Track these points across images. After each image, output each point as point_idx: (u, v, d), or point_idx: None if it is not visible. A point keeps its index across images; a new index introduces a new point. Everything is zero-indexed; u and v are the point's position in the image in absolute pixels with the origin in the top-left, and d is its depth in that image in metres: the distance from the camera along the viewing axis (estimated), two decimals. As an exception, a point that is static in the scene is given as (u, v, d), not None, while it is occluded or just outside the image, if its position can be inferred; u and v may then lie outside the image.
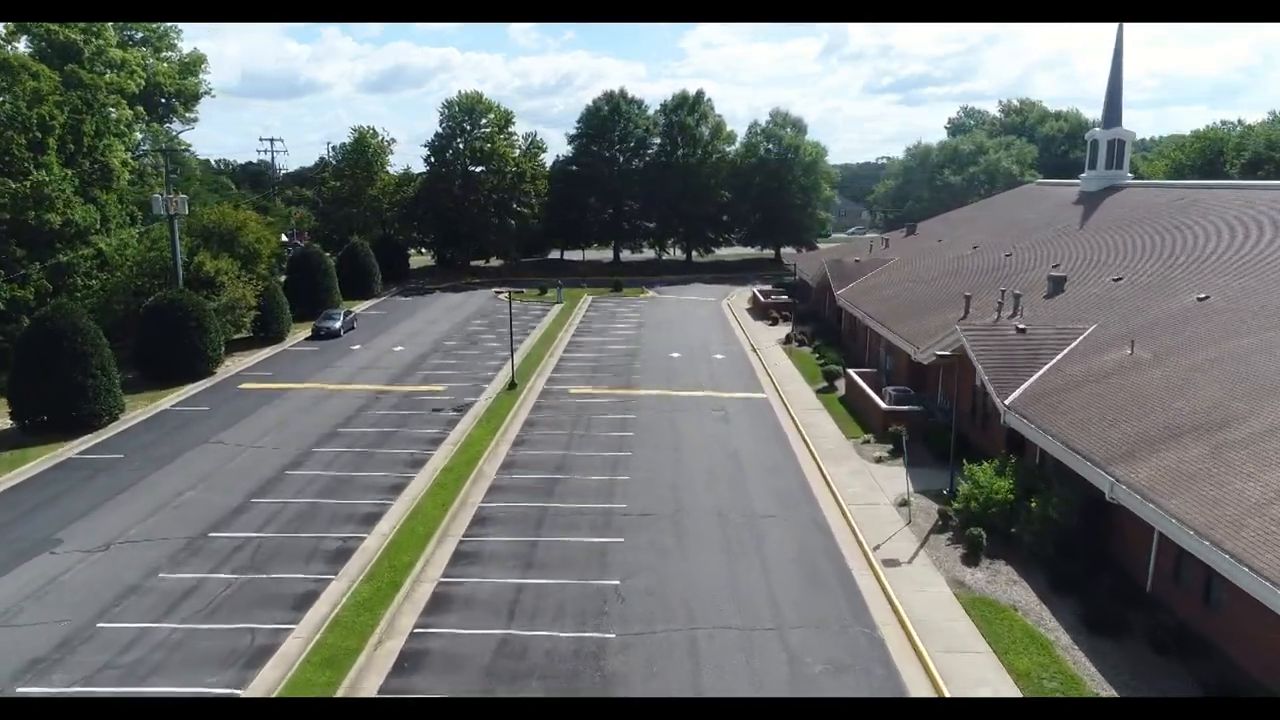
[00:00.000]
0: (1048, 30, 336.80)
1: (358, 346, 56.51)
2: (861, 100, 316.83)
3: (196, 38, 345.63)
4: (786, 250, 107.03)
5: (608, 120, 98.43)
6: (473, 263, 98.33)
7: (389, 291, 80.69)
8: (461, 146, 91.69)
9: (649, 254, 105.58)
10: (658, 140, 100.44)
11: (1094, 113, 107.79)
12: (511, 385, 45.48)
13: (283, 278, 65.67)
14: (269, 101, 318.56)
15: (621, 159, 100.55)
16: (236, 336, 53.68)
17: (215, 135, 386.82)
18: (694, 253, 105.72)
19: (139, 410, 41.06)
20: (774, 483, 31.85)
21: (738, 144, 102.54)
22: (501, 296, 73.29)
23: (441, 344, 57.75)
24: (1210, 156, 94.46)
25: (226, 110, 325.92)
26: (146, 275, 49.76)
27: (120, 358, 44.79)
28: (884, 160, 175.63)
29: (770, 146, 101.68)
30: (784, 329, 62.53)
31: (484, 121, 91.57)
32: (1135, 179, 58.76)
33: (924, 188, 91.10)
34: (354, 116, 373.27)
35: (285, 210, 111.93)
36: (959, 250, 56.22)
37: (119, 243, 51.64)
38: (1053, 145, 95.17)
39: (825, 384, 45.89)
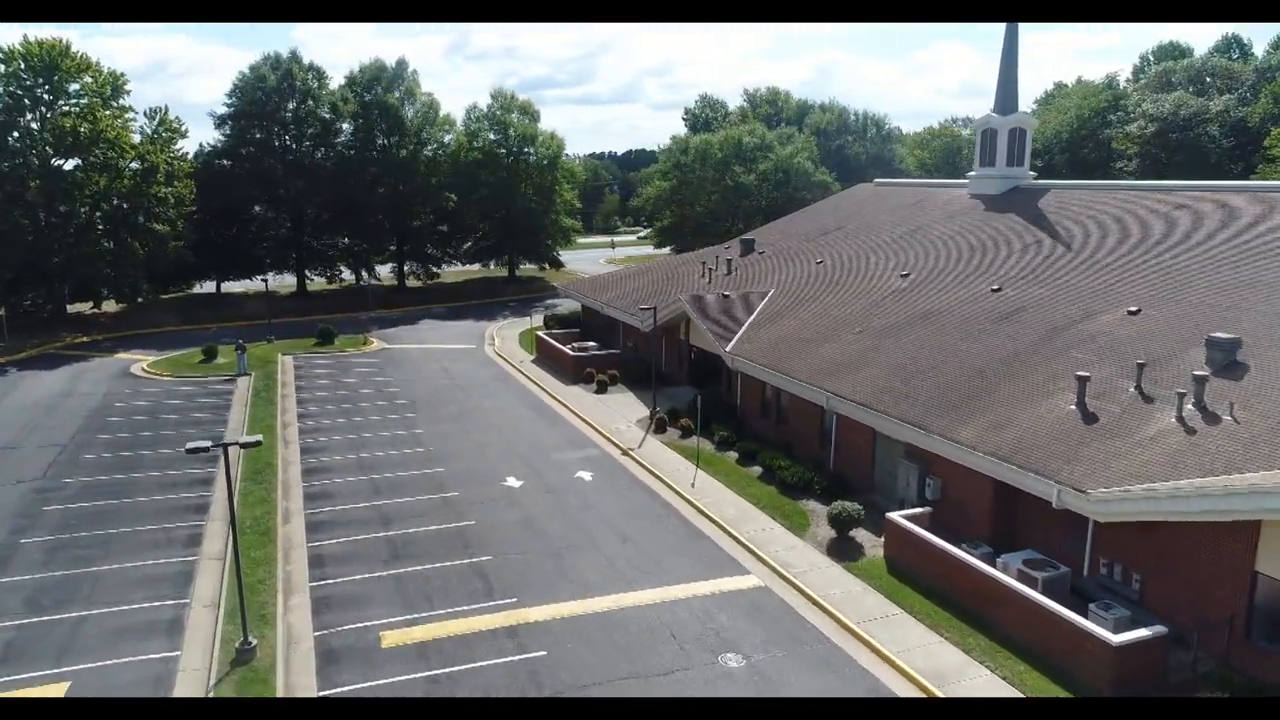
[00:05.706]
0: (655, 40, 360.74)
1: None
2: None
3: None
4: (527, 267, 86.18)
5: (275, 94, 69.70)
6: (72, 308, 64.02)
7: (-89, 377, 46.15)
8: (36, 128, 57.47)
9: (348, 277, 78.56)
10: (349, 125, 73.93)
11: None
12: (242, 654, 19.96)
13: None
14: None
15: (297, 149, 72.38)
16: None
17: None
18: (409, 276, 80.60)
19: None
20: None
21: (456, 132, 79.48)
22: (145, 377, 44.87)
23: (35, 515, 28.63)
24: (949, 155, 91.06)
25: None
26: None
27: None
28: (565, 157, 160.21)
29: (495, 136, 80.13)
30: (623, 399, 42.41)
31: (76, 88, 58.18)
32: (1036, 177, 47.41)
33: (704, 190, 75.08)
34: None
35: None
36: (880, 280, 40.03)
37: None
38: (824, 139, 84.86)
39: (833, 533, 26.54)
